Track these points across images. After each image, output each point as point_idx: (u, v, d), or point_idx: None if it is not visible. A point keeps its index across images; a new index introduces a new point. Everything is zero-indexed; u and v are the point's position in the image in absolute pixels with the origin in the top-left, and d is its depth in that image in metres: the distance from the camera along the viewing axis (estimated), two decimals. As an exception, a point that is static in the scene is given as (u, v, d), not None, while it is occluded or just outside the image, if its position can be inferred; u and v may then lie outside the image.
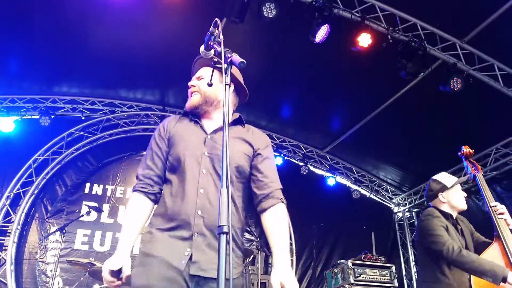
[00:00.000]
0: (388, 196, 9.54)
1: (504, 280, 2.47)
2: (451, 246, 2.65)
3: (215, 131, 1.90)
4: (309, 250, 8.37)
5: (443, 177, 3.13)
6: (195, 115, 1.99)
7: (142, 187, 1.90)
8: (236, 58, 1.41)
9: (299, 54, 6.07)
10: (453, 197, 3.02)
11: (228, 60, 1.42)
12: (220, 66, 1.46)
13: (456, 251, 2.62)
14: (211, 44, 1.61)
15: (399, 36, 5.48)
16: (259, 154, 1.96)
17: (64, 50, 6.08)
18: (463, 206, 3.02)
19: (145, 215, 1.89)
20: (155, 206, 1.93)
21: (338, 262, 6.58)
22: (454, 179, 3.10)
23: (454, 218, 3.02)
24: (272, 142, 8.55)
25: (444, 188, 3.04)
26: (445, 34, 5.58)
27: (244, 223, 1.94)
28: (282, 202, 1.95)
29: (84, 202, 7.00)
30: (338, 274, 6.32)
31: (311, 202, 8.55)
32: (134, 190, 1.92)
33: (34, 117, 7.30)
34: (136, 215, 1.87)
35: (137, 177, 1.95)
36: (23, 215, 6.73)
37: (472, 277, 2.66)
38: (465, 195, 3.09)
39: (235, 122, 2.01)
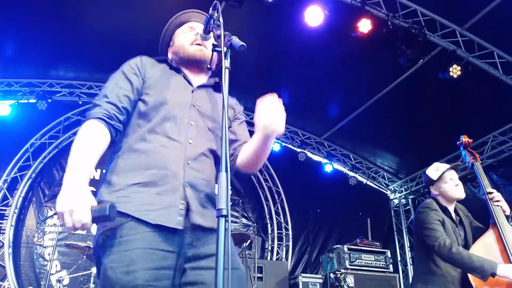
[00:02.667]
0: (384, 183, 9.59)
1: (493, 275, 2.49)
2: (443, 242, 2.68)
3: (201, 87, 1.79)
4: (305, 236, 8.45)
5: (431, 170, 3.10)
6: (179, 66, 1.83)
7: (106, 115, 1.54)
8: (236, 41, 1.40)
9: (298, 40, 6.02)
10: (444, 188, 3.00)
11: (228, 44, 1.41)
12: (220, 49, 1.44)
13: (447, 247, 2.65)
14: (211, 27, 1.59)
15: (399, 22, 5.44)
16: (237, 118, 1.91)
17: (60, 33, 6.01)
18: (457, 195, 2.98)
19: (103, 149, 1.51)
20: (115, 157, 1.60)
21: (334, 247, 6.66)
22: (441, 170, 3.05)
23: (453, 209, 3.02)
24: (270, 128, 8.54)
25: (431, 181, 3.05)
26: (445, 20, 5.55)
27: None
28: None
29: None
30: (334, 259, 6.39)
31: (308, 188, 8.61)
32: (91, 118, 1.53)
33: (31, 101, 7.26)
34: (98, 141, 1.49)
35: (95, 105, 1.59)
36: (21, 198, 6.74)
37: None
38: (458, 183, 3.02)
39: (215, 87, 1.87)
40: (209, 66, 1.73)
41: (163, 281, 1.38)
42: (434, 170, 3.07)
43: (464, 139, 3.32)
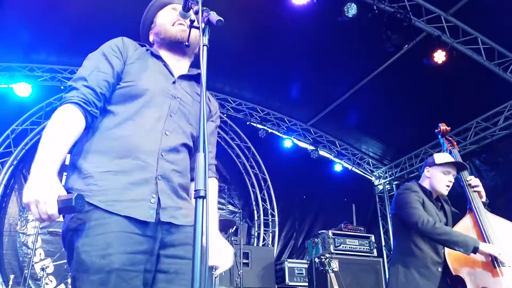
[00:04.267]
0: (369, 169, 9.67)
1: (475, 250, 2.55)
2: (426, 219, 2.72)
3: (182, 77, 1.73)
4: (291, 221, 8.51)
5: (440, 155, 3.08)
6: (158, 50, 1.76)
7: (83, 100, 1.47)
8: (214, 16, 1.35)
9: (284, 25, 5.97)
10: (435, 176, 3.01)
11: (205, 20, 1.36)
12: (198, 26, 1.40)
13: (431, 223, 2.69)
14: (189, 4, 1.54)
15: (385, 7, 5.42)
16: (212, 121, 1.86)
17: (41, 16, 5.84)
18: (441, 189, 2.99)
19: (76, 136, 1.45)
20: (84, 139, 1.53)
21: (319, 232, 6.70)
22: (450, 159, 3.04)
23: (434, 197, 3.05)
24: (256, 114, 8.53)
25: (432, 163, 3.05)
26: (430, 6, 5.55)
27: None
28: (216, 178, 1.86)
29: (64, 173, 6.85)
30: (319, 244, 6.44)
31: (294, 174, 8.64)
32: (67, 102, 1.46)
33: (11, 86, 7.08)
34: (72, 128, 1.42)
35: (72, 88, 1.51)
36: (2, 186, 6.61)
37: (446, 250, 2.75)
38: (450, 181, 3.00)
39: (197, 78, 1.78)
40: (187, 43, 1.67)
41: (139, 266, 1.36)
42: (444, 156, 3.05)
43: (442, 127, 3.35)
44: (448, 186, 2.99)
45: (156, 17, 1.88)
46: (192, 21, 1.53)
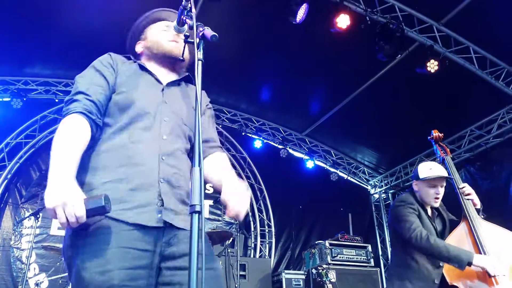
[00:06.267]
0: (365, 178, 9.68)
1: (470, 264, 2.54)
2: (420, 233, 2.71)
3: (170, 84, 1.76)
4: (288, 232, 8.46)
5: (424, 167, 3.02)
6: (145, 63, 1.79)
7: (87, 110, 1.51)
8: (208, 31, 1.37)
9: (278, 35, 6.01)
10: (422, 190, 2.99)
11: (200, 34, 1.37)
12: (192, 40, 1.41)
13: (424, 238, 2.68)
14: (184, 19, 1.55)
15: (377, 18, 5.48)
16: (205, 111, 1.87)
17: (36, 30, 5.84)
18: (430, 202, 2.97)
19: (85, 143, 1.47)
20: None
21: (316, 242, 6.68)
22: (433, 172, 2.95)
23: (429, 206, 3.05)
24: (251, 125, 8.54)
25: (417, 177, 3.03)
26: (422, 16, 5.62)
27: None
28: (223, 150, 1.86)
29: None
30: (316, 254, 6.42)
31: (290, 184, 8.63)
32: (72, 112, 1.49)
33: (5, 99, 7.04)
34: (81, 136, 1.45)
35: (73, 101, 1.55)
36: (-4, 200, 6.55)
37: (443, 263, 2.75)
38: (438, 193, 2.96)
39: (186, 79, 1.85)
40: (181, 58, 1.69)
41: (138, 281, 1.35)
42: (427, 169, 2.98)
43: (435, 133, 3.35)
44: (437, 198, 2.95)
45: (148, 29, 1.90)
46: (186, 36, 1.54)
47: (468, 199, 2.93)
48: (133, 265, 1.34)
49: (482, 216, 2.90)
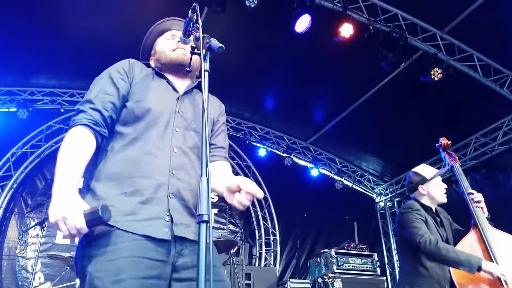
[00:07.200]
0: (370, 186, 9.65)
1: (479, 268, 2.54)
2: (428, 239, 2.72)
3: (187, 93, 1.78)
4: (293, 241, 8.43)
5: (423, 169, 3.15)
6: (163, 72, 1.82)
7: (92, 121, 1.53)
8: (215, 43, 1.39)
9: (282, 45, 6.05)
10: (432, 190, 3.06)
11: (207, 46, 1.39)
12: (199, 52, 1.43)
13: (433, 243, 2.69)
14: (190, 30, 1.58)
15: (381, 27, 5.50)
16: (217, 120, 1.88)
17: (41, 40, 5.92)
18: (443, 199, 3.07)
19: (89, 156, 1.50)
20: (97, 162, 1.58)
21: (322, 251, 6.65)
22: (434, 171, 3.12)
23: (434, 210, 3.06)
24: (255, 133, 8.55)
25: (423, 180, 3.08)
26: (425, 24, 5.63)
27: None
28: (228, 160, 1.85)
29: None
30: (322, 263, 6.38)
31: (294, 193, 8.61)
32: (77, 124, 1.51)
33: (11, 109, 7.11)
34: (85, 149, 1.48)
35: (79, 111, 1.56)
36: (2, 209, 6.56)
37: (452, 269, 2.74)
38: (445, 187, 3.11)
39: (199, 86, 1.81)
40: (188, 69, 1.71)
41: None
42: (427, 170, 3.11)
43: (443, 141, 3.36)
44: (445, 193, 3.09)
45: (155, 44, 1.93)
46: (193, 48, 1.56)
47: (478, 207, 2.92)
48: (146, 274, 1.35)
49: (491, 224, 2.89)
